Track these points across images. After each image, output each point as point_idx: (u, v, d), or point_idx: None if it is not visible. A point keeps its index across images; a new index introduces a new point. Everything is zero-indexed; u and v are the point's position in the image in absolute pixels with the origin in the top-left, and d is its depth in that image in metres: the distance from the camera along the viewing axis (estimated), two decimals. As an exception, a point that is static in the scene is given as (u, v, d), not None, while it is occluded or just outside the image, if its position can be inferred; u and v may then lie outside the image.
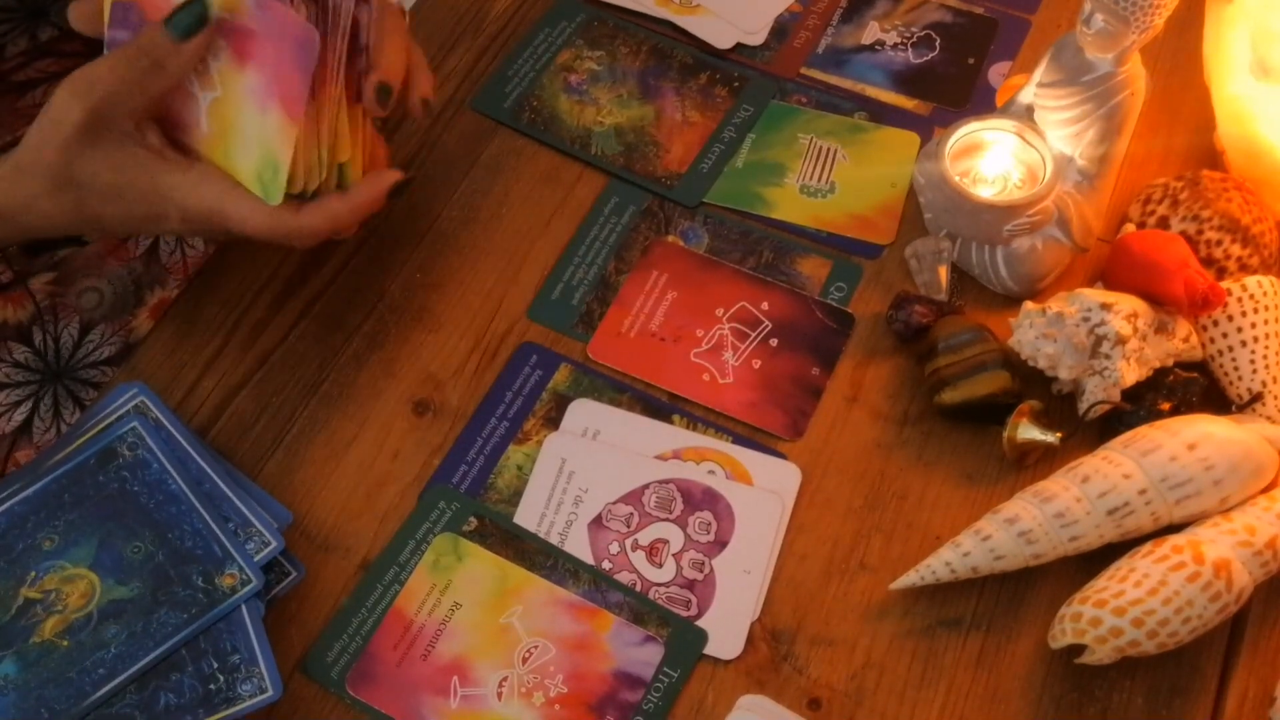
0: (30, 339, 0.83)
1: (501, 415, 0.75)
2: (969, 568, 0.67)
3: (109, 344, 0.85)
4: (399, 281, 0.81)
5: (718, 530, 0.71)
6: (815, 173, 0.85)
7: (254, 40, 0.65)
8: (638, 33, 0.92)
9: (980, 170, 0.79)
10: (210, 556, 0.66)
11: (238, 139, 0.66)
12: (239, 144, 0.66)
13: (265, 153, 0.66)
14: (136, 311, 0.86)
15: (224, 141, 0.67)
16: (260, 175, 0.66)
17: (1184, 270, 0.71)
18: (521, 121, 0.87)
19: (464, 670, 0.67)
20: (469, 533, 0.71)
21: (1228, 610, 0.64)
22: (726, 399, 0.76)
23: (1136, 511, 0.66)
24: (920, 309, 0.76)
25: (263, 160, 0.66)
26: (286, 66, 0.64)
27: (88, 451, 0.70)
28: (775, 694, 0.66)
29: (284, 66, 0.64)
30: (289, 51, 0.64)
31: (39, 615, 0.65)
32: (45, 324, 0.84)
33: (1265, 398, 0.72)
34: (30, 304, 0.83)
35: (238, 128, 0.66)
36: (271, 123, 0.65)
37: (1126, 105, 0.76)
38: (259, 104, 0.65)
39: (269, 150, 0.65)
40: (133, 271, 0.85)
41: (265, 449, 0.74)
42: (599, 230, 0.83)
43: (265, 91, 0.65)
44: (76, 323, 0.84)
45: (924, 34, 0.92)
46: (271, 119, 0.65)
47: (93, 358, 0.85)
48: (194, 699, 0.63)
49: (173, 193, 0.65)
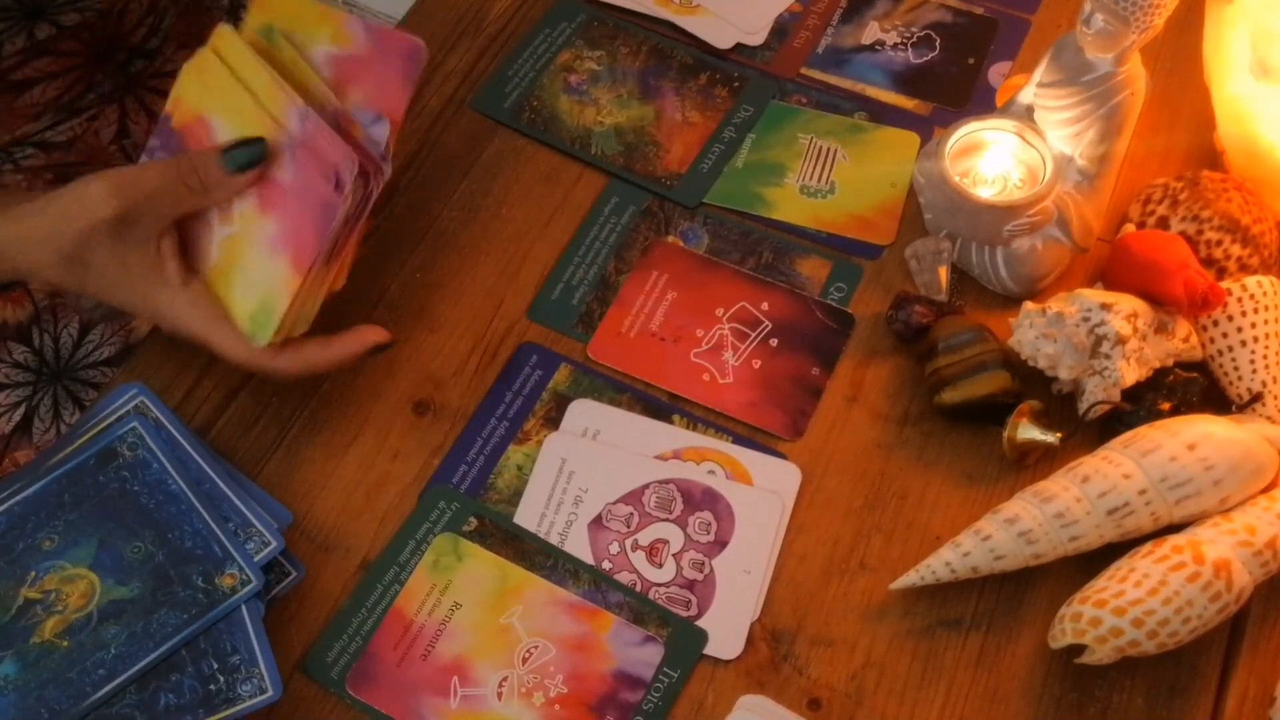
0: (30, 339, 0.83)
1: (501, 415, 0.75)
2: (969, 568, 0.67)
3: (109, 344, 0.85)
4: (399, 281, 0.81)
5: (718, 530, 0.71)
6: (815, 173, 0.85)
7: (281, 192, 0.67)
8: (638, 33, 0.92)
9: (980, 170, 0.79)
10: (210, 556, 0.66)
11: (241, 277, 0.69)
12: (241, 282, 0.69)
13: (264, 297, 0.68)
14: (136, 312, 0.86)
15: (227, 275, 0.69)
16: (254, 317, 0.68)
17: (1184, 270, 0.71)
18: (521, 121, 0.87)
19: (464, 670, 0.67)
20: (469, 533, 0.71)
21: (1228, 610, 0.64)
22: (726, 399, 0.76)
23: (1136, 511, 0.66)
24: (920, 309, 0.76)
25: (260, 304, 0.68)
26: (307, 225, 0.67)
27: (88, 452, 0.69)
28: (775, 694, 0.66)
29: (304, 224, 0.67)
30: (312, 212, 0.66)
31: (39, 615, 0.65)
32: (45, 324, 0.84)
33: (1265, 398, 0.72)
34: (30, 304, 0.83)
35: (244, 267, 0.68)
36: (278, 272, 0.67)
37: (1126, 105, 0.76)
38: (270, 250, 0.68)
39: (269, 296, 0.68)
40: (133, 272, 0.85)
41: (265, 449, 0.74)
42: (599, 230, 0.83)
43: (280, 241, 0.67)
44: (76, 323, 0.84)
45: (924, 34, 0.92)
46: (279, 268, 0.67)
47: (92, 358, 0.85)
48: (194, 699, 0.63)
49: (163, 308, 0.68)
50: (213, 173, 0.66)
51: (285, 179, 0.67)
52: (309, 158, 0.66)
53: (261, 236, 0.68)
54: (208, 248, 0.69)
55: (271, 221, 0.68)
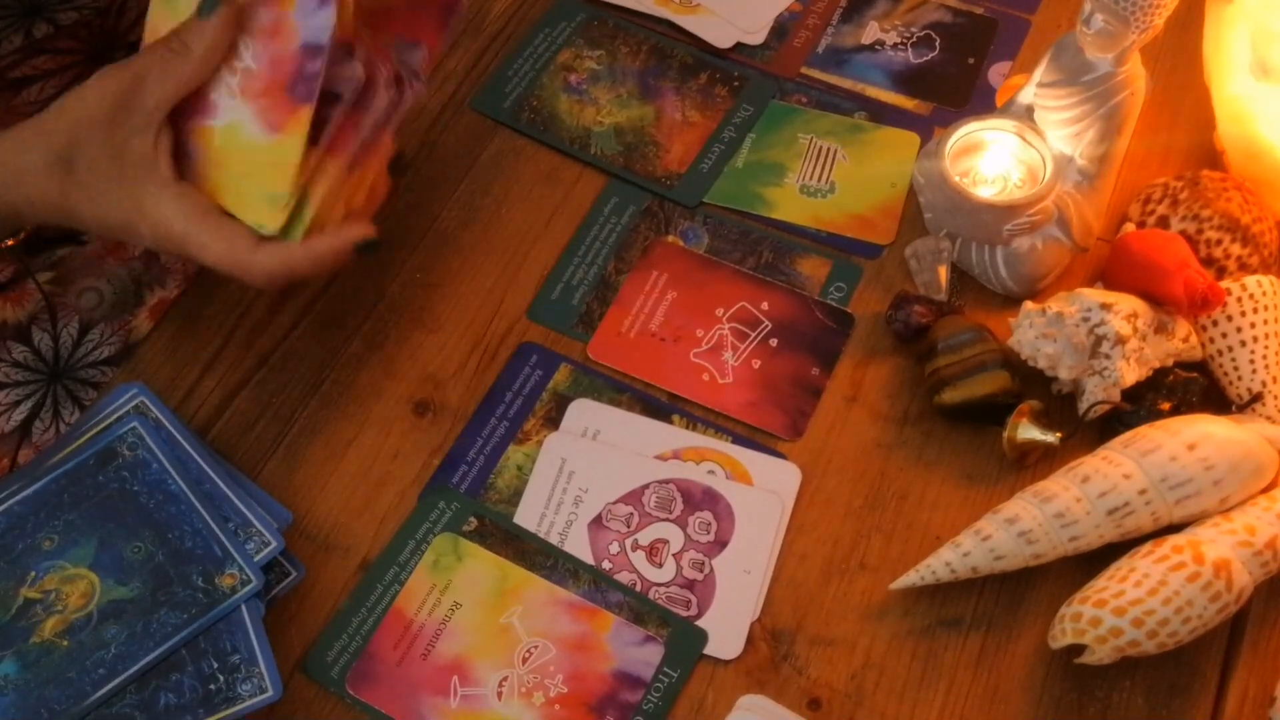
0: (30, 339, 0.83)
1: (501, 415, 0.75)
2: (969, 568, 0.67)
3: (109, 344, 0.85)
4: (399, 281, 0.81)
5: (718, 530, 0.71)
6: (815, 173, 0.85)
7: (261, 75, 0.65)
8: (637, 32, 0.92)
9: (980, 170, 0.79)
10: (210, 556, 0.66)
11: (240, 165, 0.67)
12: (240, 170, 0.67)
13: (269, 179, 0.66)
14: (136, 311, 0.86)
15: (225, 172, 0.67)
16: (260, 204, 0.66)
17: (1184, 270, 0.71)
18: (521, 121, 0.87)
19: (464, 670, 0.67)
20: (469, 533, 0.71)
21: (1228, 610, 0.64)
22: (726, 399, 0.76)
23: (1136, 511, 0.66)
24: (920, 309, 0.76)
25: (268, 187, 0.66)
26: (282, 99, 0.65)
27: (87, 451, 0.69)
28: (775, 694, 0.66)
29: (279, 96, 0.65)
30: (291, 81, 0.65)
31: (39, 615, 0.65)
32: (45, 324, 0.84)
33: (1265, 398, 0.72)
34: (30, 304, 0.83)
35: (241, 155, 0.66)
36: (280, 147, 0.65)
37: (1126, 105, 0.76)
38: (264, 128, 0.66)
39: (272, 178, 0.66)
40: (133, 271, 0.85)
41: (265, 449, 0.74)
42: (599, 230, 0.83)
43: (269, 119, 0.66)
44: (76, 323, 0.84)
45: (924, 34, 0.92)
46: (280, 143, 0.65)
47: (92, 358, 0.85)
48: (194, 699, 0.63)
49: (148, 205, 0.65)
50: (188, 27, 0.64)
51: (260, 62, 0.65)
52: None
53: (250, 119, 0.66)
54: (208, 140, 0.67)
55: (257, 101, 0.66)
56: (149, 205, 0.65)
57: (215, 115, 0.67)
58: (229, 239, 0.66)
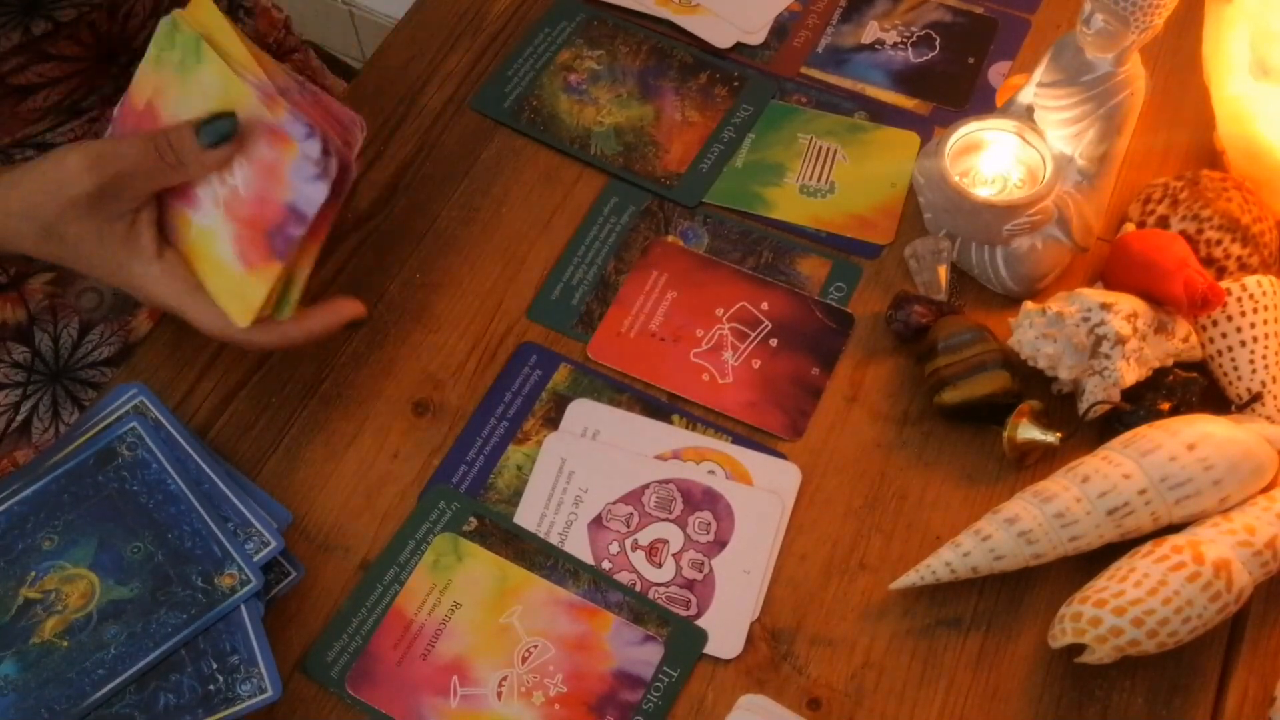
0: (30, 339, 0.83)
1: (501, 415, 0.75)
2: (969, 568, 0.67)
3: (108, 344, 0.85)
4: (399, 281, 0.81)
5: (717, 530, 0.71)
6: (815, 172, 0.85)
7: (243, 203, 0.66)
8: (637, 32, 0.92)
9: (980, 170, 0.79)
10: (210, 557, 0.66)
11: (212, 267, 0.67)
12: (213, 271, 0.68)
13: (238, 287, 0.67)
14: (136, 311, 0.86)
15: (207, 250, 0.68)
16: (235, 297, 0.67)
17: (1184, 270, 0.71)
18: (521, 121, 0.87)
19: (464, 670, 0.67)
20: (469, 533, 0.71)
21: (1228, 610, 0.64)
22: (726, 399, 0.76)
23: (1136, 511, 0.66)
24: (920, 309, 0.76)
25: (240, 284, 0.67)
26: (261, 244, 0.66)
27: (87, 452, 0.69)
28: (775, 694, 0.66)
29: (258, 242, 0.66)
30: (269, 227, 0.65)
31: (39, 615, 0.65)
32: (44, 324, 0.84)
33: (1265, 398, 0.72)
34: (30, 304, 0.83)
35: (213, 262, 0.67)
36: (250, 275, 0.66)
37: (1126, 105, 0.76)
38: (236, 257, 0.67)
39: (243, 287, 0.67)
40: (132, 272, 0.85)
41: (265, 449, 0.74)
42: (599, 230, 0.83)
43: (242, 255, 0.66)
44: (76, 323, 0.84)
45: (924, 33, 0.92)
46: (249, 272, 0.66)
47: (92, 358, 0.85)
48: (193, 699, 0.63)
49: (138, 279, 0.67)
50: (188, 149, 0.64)
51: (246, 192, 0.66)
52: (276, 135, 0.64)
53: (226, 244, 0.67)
54: (185, 228, 0.68)
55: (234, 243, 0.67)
56: (137, 279, 0.67)
57: (197, 209, 0.67)
58: (220, 315, 0.68)
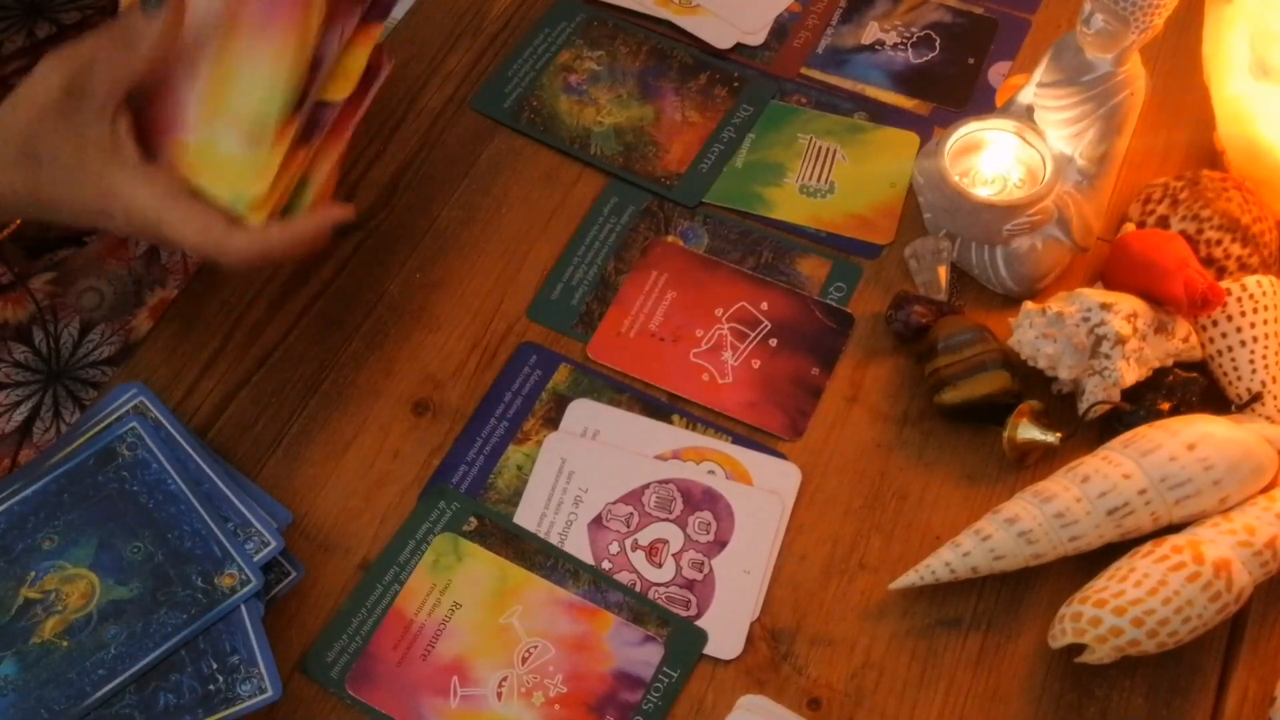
0: (30, 339, 0.83)
1: (501, 415, 0.75)
2: (969, 568, 0.67)
3: (109, 344, 0.85)
4: (398, 281, 0.81)
5: (717, 530, 0.71)
6: (815, 173, 0.85)
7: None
8: (637, 33, 0.92)
9: (980, 170, 0.79)
10: (210, 557, 0.66)
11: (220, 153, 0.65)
12: (223, 158, 0.65)
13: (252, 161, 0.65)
14: (136, 311, 0.86)
15: (209, 152, 0.65)
16: (235, 186, 0.65)
17: (1184, 270, 0.71)
18: (521, 121, 0.87)
19: (464, 670, 0.67)
20: (469, 533, 0.71)
21: (1228, 610, 0.64)
22: (726, 399, 0.76)
23: (1136, 511, 0.66)
24: (920, 309, 0.76)
25: (244, 167, 0.64)
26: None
27: (87, 451, 0.69)
28: (775, 694, 0.66)
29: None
30: None
31: (39, 616, 0.65)
32: (45, 324, 0.84)
33: (1265, 398, 0.72)
34: (30, 304, 0.83)
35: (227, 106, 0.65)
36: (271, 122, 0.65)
37: (1126, 105, 0.76)
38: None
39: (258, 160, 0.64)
40: (133, 271, 0.85)
41: (265, 449, 0.74)
42: (598, 230, 0.83)
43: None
44: (76, 323, 0.84)
45: (924, 34, 0.92)
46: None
47: (92, 358, 0.85)
48: (193, 699, 0.63)
49: (118, 188, 0.64)
50: (135, 23, 0.63)
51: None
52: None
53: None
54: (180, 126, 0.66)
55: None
56: (119, 188, 0.64)
57: (188, 129, 0.65)
58: (203, 220, 0.64)
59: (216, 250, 0.65)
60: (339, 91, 0.67)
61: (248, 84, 0.65)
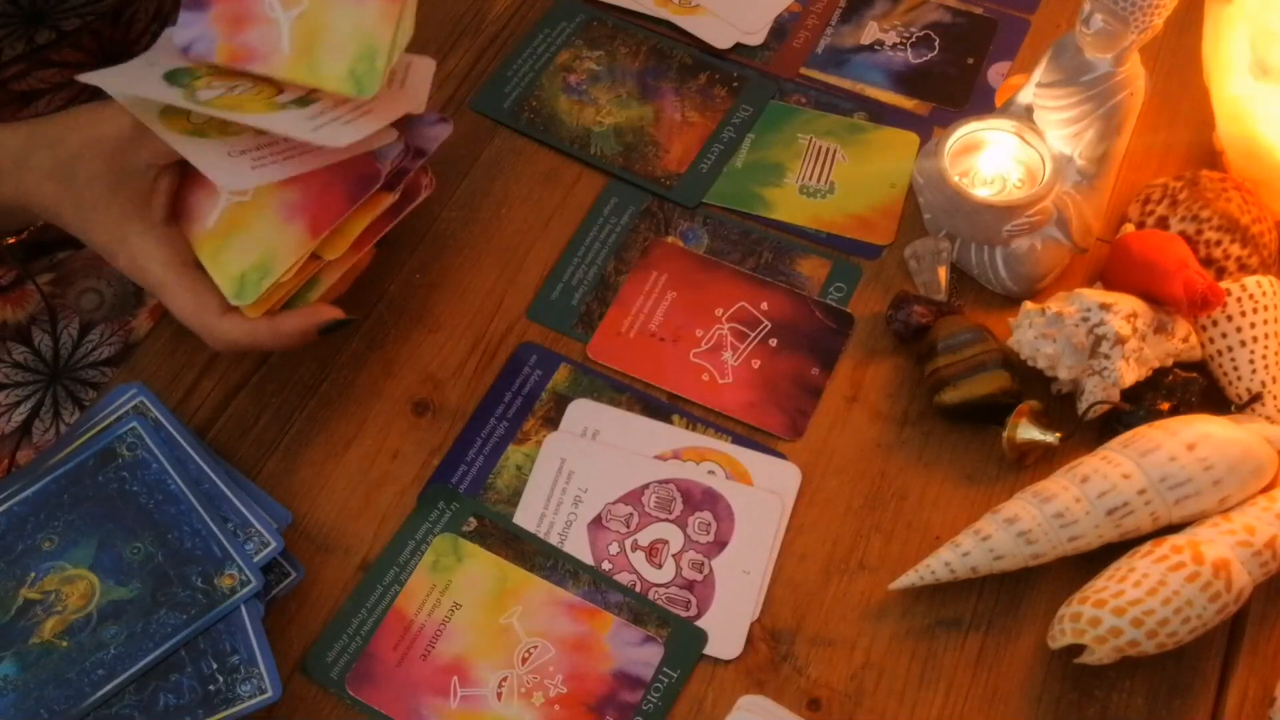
0: (30, 339, 0.83)
1: (501, 415, 0.75)
2: (968, 568, 0.67)
3: (109, 344, 0.85)
4: (399, 281, 0.81)
5: (717, 530, 0.71)
6: (814, 173, 0.85)
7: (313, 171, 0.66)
8: (637, 33, 0.92)
9: (979, 170, 0.79)
10: (210, 557, 0.66)
11: (241, 238, 0.67)
12: (240, 243, 0.67)
13: (264, 257, 0.66)
14: (136, 312, 0.86)
15: (224, 238, 0.67)
16: (245, 275, 0.66)
17: (1183, 270, 0.71)
18: (521, 122, 0.87)
19: (464, 670, 0.67)
20: (469, 533, 0.71)
21: (1227, 610, 0.64)
22: (726, 399, 0.76)
23: (1136, 512, 0.66)
24: (920, 309, 0.76)
25: (258, 262, 0.66)
26: (336, 192, 0.66)
27: (87, 452, 0.69)
28: (775, 694, 0.66)
29: (333, 192, 0.66)
30: (347, 182, 0.66)
31: (38, 616, 0.65)
32: (45, 324, 0.84)
33: (1264, 398, 0.72)
34: (30, 304, 0.83)
35: (248, 229, 0.67)
36: (290, 233, 0.66)
37: (1126, 105, 0.76)
38: (285, 215, 0.67)
39: (269, 256, 0.66)
40: (132, 272, 0.85)
41: (265, 449, 0.74)
42: (598, 230, 0.83)
43: (299, 208, 0.66)
44: (76, 323, 0.84)
45: (923, 34, 0.92)
46: (291, 230, 0.66)
47: (92, 358, 0.85)
48: (193, 700, 0.63)
49: (132, 238, 0.66)
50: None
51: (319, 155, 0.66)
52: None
53: (277, 203, 0.67)
54: (207, 213, 0.68)
55: (293, 191, 0.67)
56: (133, 239, 0.66)
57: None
58: (200, 299, 0.66)
59: (204, 331, 0.67)
60: (332, 251, 0.69)
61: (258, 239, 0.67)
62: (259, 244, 0.67)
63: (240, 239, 0.67)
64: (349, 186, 0.66)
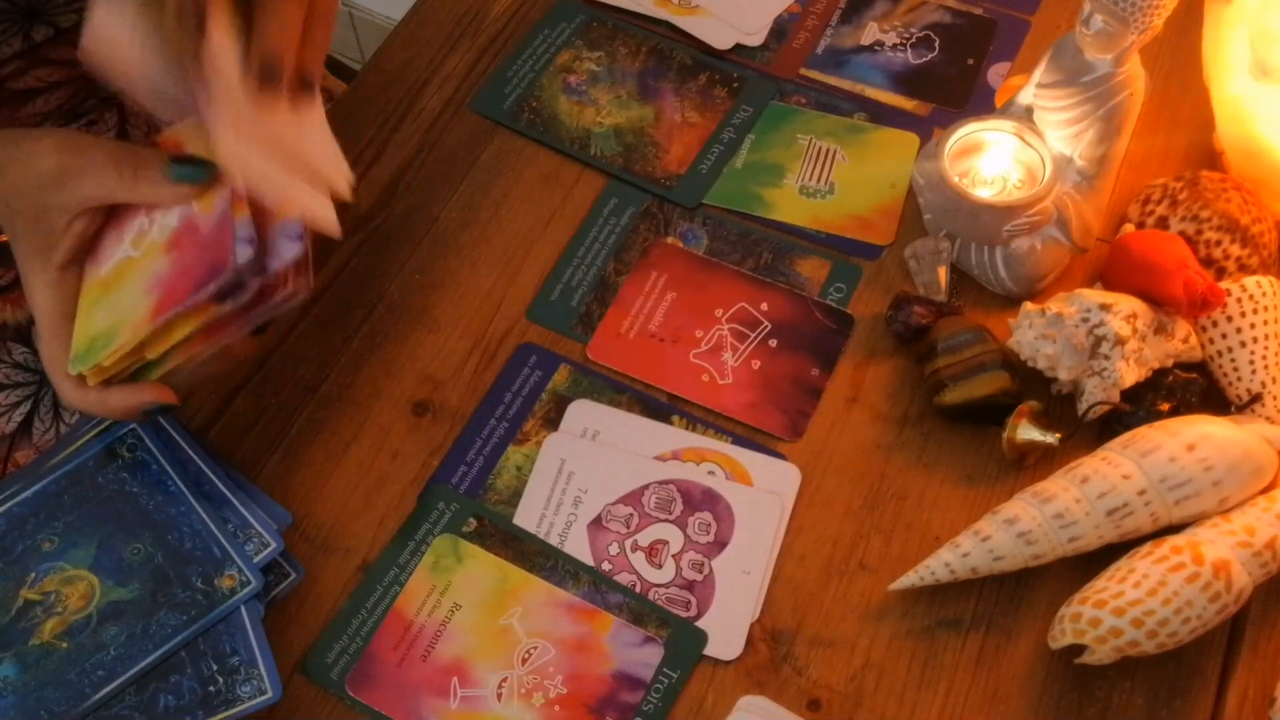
0: (30, 339, 0.83)
1: (501, 416, 0.75)
2: (968, 568, 0.67)
3: (108, 345, 0.85)
4: (398, 282, 0.81)
5: (717, 531, 0.71)
6: (814, 173, 0.85)
7: (195, 238, 0.63)
8: (637, 33, 0.92)
9: (979, 171, 0.79)
10: (209, 558, 0.66)
11: (110, 299, 0.64)
12: (106, 304, 0.64)
13: (112, 327, 0.63)
14: (135, 312, 0.86)
15: (103, 293, 0.65)
16: (94, 340, 0.64)
17: (1183, 271, 0.71)
18: (521, 122, 0.87)
19: (464, 671, 0.67)
20: (469, 534, 0.71)
21: (1227, 611, 0.64)
22: (726, 400, 0.76)
23: (1136, 512, 0.66)
24: (920, 309, 0.76)
25: (105, 331, 0.64)
26: (188, 278, 0.62)
27: (87, 453, 0.70)
28: (775, 695, 0.66)
29: (187, 276, 0.62)
30: (201, 268, 0.62)
31: (38, 617, 0.65)
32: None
33: (1264, 398, 0.72)
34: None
35: (120, 290, 0.64)
36: (139, 310, 0.63)
37: (1126, 106, 0.76)
38: (146, 287, 0.63)
39: (116, 328, 0.63)
40: (132, 273, 0.85)
41: (264, 450, 0.74)
42: (598, 231, 0.83)
43: (161, 283, 0.63)
44: (76, 324, 0.84)
45: (923, 34, 0.92)
46: (142, 306, 0.63)
47: (92, 359, 0.85)
48: (193, 701, 0.63)
49: (29, 277, 0.65)
50: (152, 172, 0.63)
51: (206, 227, 0.63)
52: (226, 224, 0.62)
53: (152, 269, 0.64)
54: (106, 260, 0.66)
55: (166, 259, 0.64)
56: (30, 278, 0.65)
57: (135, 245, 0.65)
58: (58, 355, 0.65)
59: (54, 381, 0.66)
60: (153, 349, 0.64)
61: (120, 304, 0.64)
62: (118, 309, 0.64)
63: (115, 296, 0.64)
64: (201, 272, 0.62)
